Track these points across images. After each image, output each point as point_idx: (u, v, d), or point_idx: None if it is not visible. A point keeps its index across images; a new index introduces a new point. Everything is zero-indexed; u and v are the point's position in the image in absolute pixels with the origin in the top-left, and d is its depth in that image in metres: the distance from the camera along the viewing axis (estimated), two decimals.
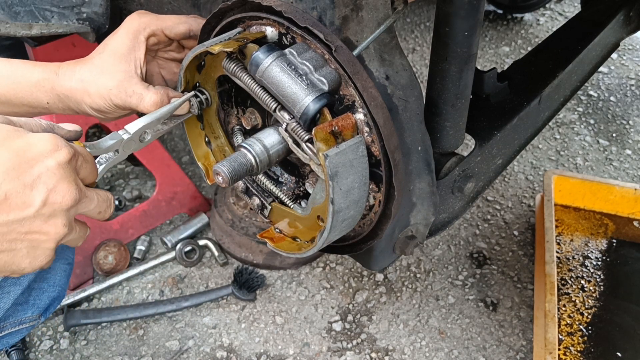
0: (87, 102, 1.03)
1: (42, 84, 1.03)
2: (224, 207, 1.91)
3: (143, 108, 1.03)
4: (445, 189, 1.18)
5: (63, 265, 1.25)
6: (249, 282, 1.75)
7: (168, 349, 1.67)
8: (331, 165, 0.82)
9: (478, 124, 1.25)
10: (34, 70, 1.04)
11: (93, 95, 1.02)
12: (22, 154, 0.69)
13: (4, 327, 1.16)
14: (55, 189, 0.71)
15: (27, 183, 0.69)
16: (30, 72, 1.04)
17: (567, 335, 1.63)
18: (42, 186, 0.70)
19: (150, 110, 1.02)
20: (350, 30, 0.90)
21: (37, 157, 0.70)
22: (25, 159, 0.69)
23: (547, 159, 2.31)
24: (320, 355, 1.67)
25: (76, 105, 1.05)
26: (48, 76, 1.03)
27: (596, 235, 1.90)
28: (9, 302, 1.14)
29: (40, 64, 1.05)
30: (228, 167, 0.90)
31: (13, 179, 0.68)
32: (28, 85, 1.04)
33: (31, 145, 0.70)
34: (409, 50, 2.88)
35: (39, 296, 1.21)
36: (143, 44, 1.06)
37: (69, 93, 1.03)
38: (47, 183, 0.70)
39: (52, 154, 0.71)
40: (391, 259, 1.15)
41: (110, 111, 1.05)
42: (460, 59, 1.01)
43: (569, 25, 1.53)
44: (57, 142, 0.72)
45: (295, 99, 0.84)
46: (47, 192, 0.71)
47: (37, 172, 0.70)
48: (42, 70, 1.04)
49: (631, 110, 2.56)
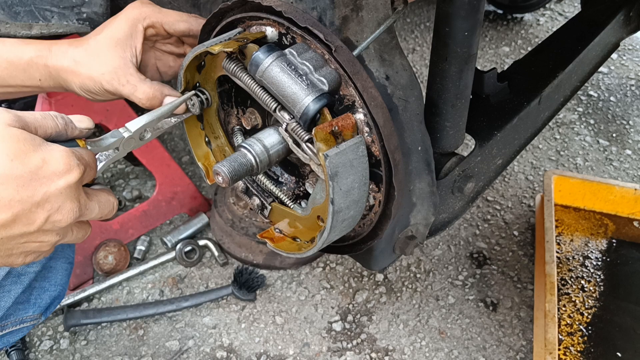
0: (76, 82, 1.04)
1: (35, 61, 1.04)
2: (224, 207, 1.91)
3: (135, 99, 1.03)
4: (445, 189, 1.18)
5: (64, 264, 1.25)
6: (249, 282, 1.75)
7: (168, 349, 1.67)
8: (331, 165, 0.82)
9: (478, 124, 1.25)
10: (27, 47, 1.05)
11: (83, 76, 1.03)
12: (36, 171, 0.71)
13: (5, 326, 1.17)
14: (59, 209, 0.74)
15: (35, 202, 0.72)
16: (23, 50, 1.05)
17: (567, 335, 1.63)
18: (48, 206, 0.73)
19: (142, 103, 1.03)
20: (350, 30, 0.90)
21: (50, 176, 0.72)
22: (38, 177, 0.71)
23: (547, 159, 2.31)
24: (320, 355, 1.67)
25: (65, 84, 1.06)
26: (41, 53, 1.04)
27: (596, 235, 1.90)
28: (10, 300, 1.14)
29: (34, 42, 1.06)
30: (228, 167, 0.90)
31: (24, 199, 0.71)
32: (22, 63, 1.04)
33: (46, 163, 0.72)
34: (409, 50, 2.88)
35: (40, 295, 1.21)
36: (141, 33, 1.06)
37: (60, 71, 1.04)
38: (53, 203, 0.73)
39: (63, 174, 0.73)
40: (391, 259, 1.15)
41: (99, 94, 1.05)
42: (460, 59, 1.01)
43: (569, 25, 1.53)
44: (70, 162, 0.74)
45: (295, 99, 0.84)
46: (52, 212, 0.73)
47: (47, 192, 0.72)
48: (35, 48, 1.05)
49: (631, 110, 2.56)
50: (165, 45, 1.15)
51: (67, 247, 1.26)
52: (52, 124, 0.77)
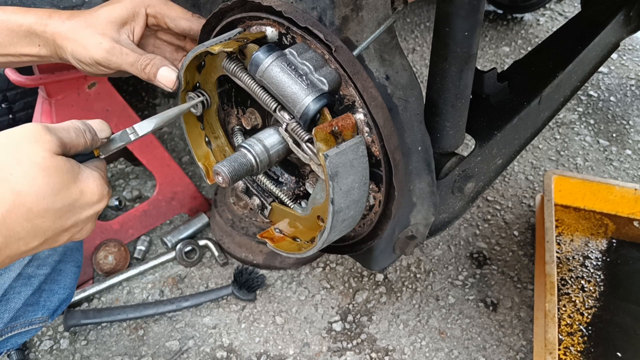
0: (69, 49, 1.04)
1: (35, 27, 1.05)
2: (224, 207, 1.91)
3: (130, 67, 1.03)
4: (445, 189, 1.18)
5: (73, 267, 1.26)
6: (249, 282, 1.75)
7: (168, 349, 1.67)
8: (331, 165, 0.82)
9: (478, 124, 1.24)
10: (27, 14, 1.06)
11: (77, 43, 1.03)
12: (74, 203, 0.75)
13: (15, 327, 1.17)
14: (81, 231, 0.79)
15: (64, 228, 0.76)
16: (23, 17, 1.06)
17: (567, 335, 1.63)
18: (74, 229, 0.77)
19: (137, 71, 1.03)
20: (350, 30, 0.90)
21: (84, 206, 0.76)
22: (74, 208, 0.75)
23: (547, 159, 2.31)
24: (320, 355, 1.67)
25: (60, 51, 1.06)
26: (41, 20, 1.05)
27: (596, 235, 1.90)
28: (20, 302, 1.15)
29: (33, 10, 1.07)
30: (228, 167, 0.90)
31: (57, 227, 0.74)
32: (22, 30, 1.06)
33: (83, 195, 0.75)
34: (409, 50, 2.88)
35: (49, 298, 1.22)
36: (143, 17, 1.06)
37: (57, 37, 1.04)
38: (78, 227, 0.78)
39: (95, 204, 0.77)
40: (391, 259, 1.15)
41: (90, 65, 1.05)
42: (460, 59, 1.01)
43: (569, 25, 1.53)
44: (102, 193, 0.78)
45: (295, 99, 0.84)
46: (74, 233, 0.78)
47: (77, 220, 0.76)
48: (35, 15, 1.06)
49: (631, 110, 2.56)
50: (167, 35, 1.15)
51: (76, 251, 1.27)
52: (82, 142, 0.79)
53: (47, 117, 1.66)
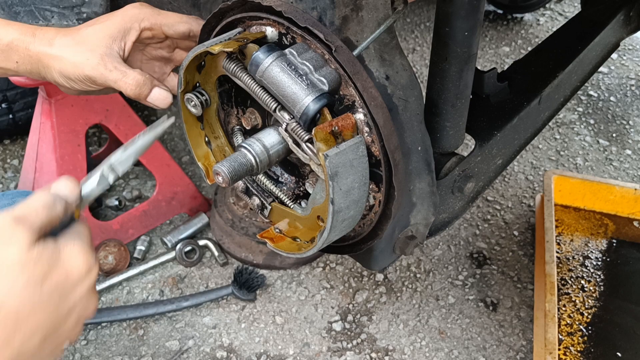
0: (57, 67, 1.01)
1: (16, 44, 1.02)
2: (224, 207, 1.91)
3: (123, 85, 1.01)
4: (445, 189, 1.18)
5: None
6: (249, 282, 1.75)
7: (168, 349, 1.67)
8: (331, 165, 0.82)
9: (478, 124, 1.24)
10: (9, 29, 1.02)
11: (66, 61, 1.00)
12: (62, 287, 0.69)
13: None
14: (85, 308, 0.73)
15: (63, 312, 0.70)
16: (5, 31, 1.02)
17: (567, 335, 1.63)
18: (76, 315, 0.72)
19: (129, 89, 1.00)
20: (350, 30, 0.90)
21: (74, 285, 0.70)
22: (65, 292, 0.70)
23: (547, 159, 2.31)
24: (320, 355, 1.67)
25: (45, 70, 1.03)
26: (24, 37, 1.02)
27: (596, 235, 1.90)
28: None
29: (16, 24, 1.04)
30: (228, 167, 0.90)
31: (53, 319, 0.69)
32: (1, 44, 1.02)
33: (69, 274, 0.70)
34: (409, 50, 2.88)
35: None
36: (136, 32, 1.04)
37: (42, 56, 1.01)
38: (80, 306, 0.72)
39: (85, 277, 0.71)
40: (391, 259, 1.15)
41: (79, 81, 1.02)
42: (460, 59, 1.01)
43: (569, 25, 1.53)
44: (88, 262, 0.72)
45: (295, 99, 0.84)
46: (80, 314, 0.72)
47: (74, 302, 0.71)
48: (18, 30, 1.02)
49: (631, 110, 2.56)
50: (157, 49, 1.13)
51: None
52: (55, 216, 0.73)
53: (47, 117, 1.66)
